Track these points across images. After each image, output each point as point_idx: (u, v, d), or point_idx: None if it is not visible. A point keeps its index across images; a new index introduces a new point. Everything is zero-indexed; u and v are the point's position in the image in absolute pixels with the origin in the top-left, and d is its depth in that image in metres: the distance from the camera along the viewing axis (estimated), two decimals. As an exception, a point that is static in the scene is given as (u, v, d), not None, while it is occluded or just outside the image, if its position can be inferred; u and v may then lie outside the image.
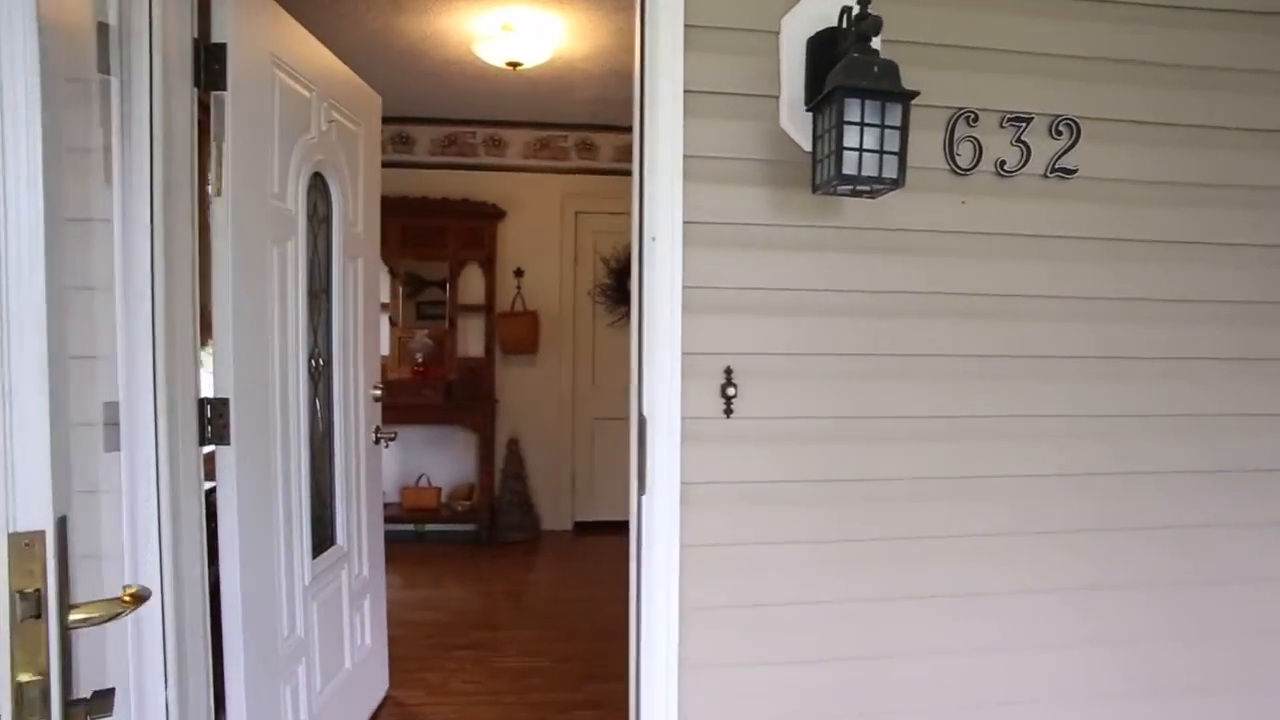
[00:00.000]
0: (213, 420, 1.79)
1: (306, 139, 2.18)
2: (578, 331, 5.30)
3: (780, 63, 1.68)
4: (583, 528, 5.40)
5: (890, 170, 1.49)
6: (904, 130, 1.48)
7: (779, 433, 1.71)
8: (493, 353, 5.18)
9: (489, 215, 5.12)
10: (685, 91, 1.65)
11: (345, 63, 2.50)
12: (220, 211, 1.79)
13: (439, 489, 5.07)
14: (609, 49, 3.81)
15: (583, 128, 5.20)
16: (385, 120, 5.08)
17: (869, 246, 1.73)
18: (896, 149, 1.49)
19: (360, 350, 2.63)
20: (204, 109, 1.78)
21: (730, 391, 1.67)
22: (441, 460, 5.28)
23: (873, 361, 1.73)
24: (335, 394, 2.45)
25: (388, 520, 4.98)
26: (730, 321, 1.70)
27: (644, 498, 1.70)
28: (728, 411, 1.69)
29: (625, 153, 5.07)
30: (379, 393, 2.78)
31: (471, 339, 5.20)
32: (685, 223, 1.66)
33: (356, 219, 2.60)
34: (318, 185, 2.33)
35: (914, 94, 1.47)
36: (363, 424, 2.67)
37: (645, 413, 1.67)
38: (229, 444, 1.80)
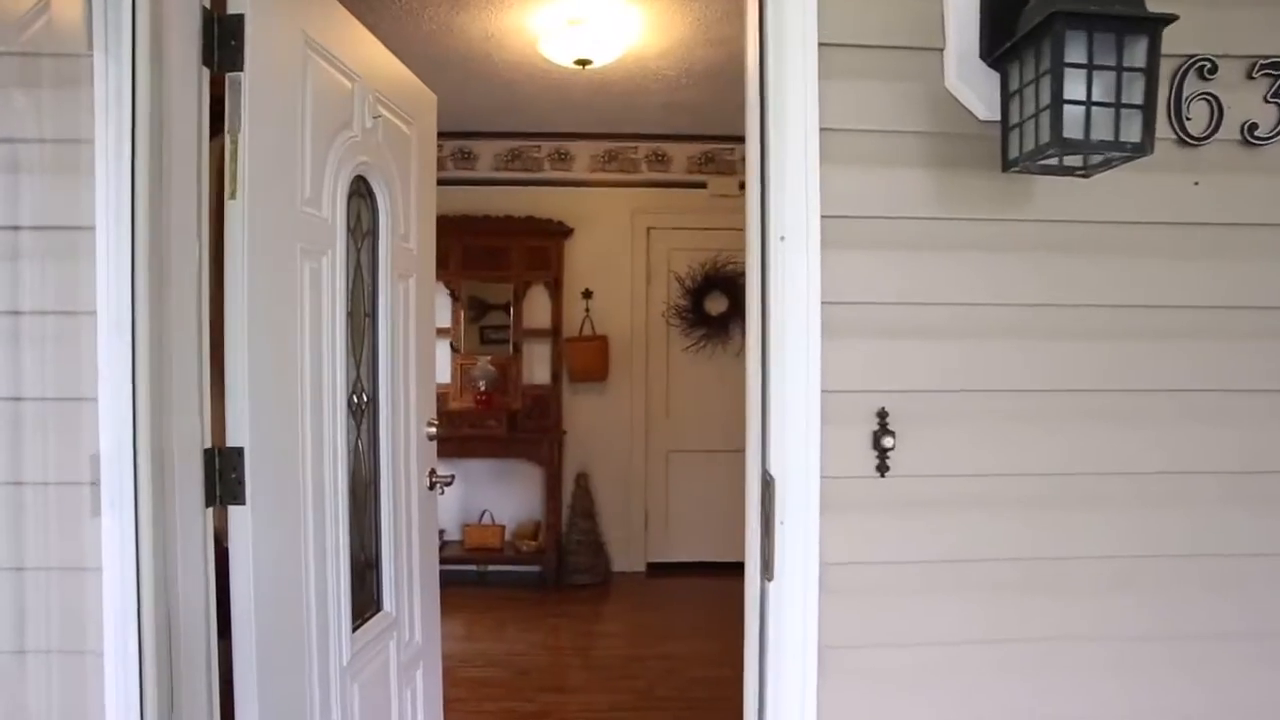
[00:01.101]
0: (223, 474, 1.44)
1: (347, 137, 1.85)
2: (650, 357, 4.91)
3: (944, 5, 1.26)
4: (656, 569, 4.98)
5: (1131, 131, 1.05)
6: (1151, 73, 1.04)
7: (954, 496, 1.27)
8: (560, 380, 4.82)
9: (555, 233, 4.80)
10: (820, 45, 1.24)
11: (396, 57, 2.19)
12: (235, 218, 1.45)
13: (502, 527, 4.72)
14: (685, 42, 3.43)
15: (654, 138, 4.85)
16: (446, 135, 4.83)
17: (1071, 245, 1.29)
18: (1140, 101, 1.04)
19: (412, 382, 2.29)
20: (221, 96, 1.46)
21: (886, 442, 1.24)
22: (505, 496, 4.93)
23: (1082, 400, 1.28)
24: (382, 434, 2.10)
25: (448, 560, 4.65)
26: (884, 348, 1.27)
27: (769, 584, 1.27)
28: (882, 468, 1.25)
29: (699, 164, 4.71)
30: (434, 430, 2.43)
31: (537, 366, 4.86)
32: (823, 217, 1.23)
33: (408, 232, 2.26)
34: (361, 192, 2.00)
35: (1168, 18, 1.03)
36: (415, 467, 2.31)
37: (773, 471, 1.25)
38: (244, 503, 1.46)
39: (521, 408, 4.80)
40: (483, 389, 4.66)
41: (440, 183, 4.70)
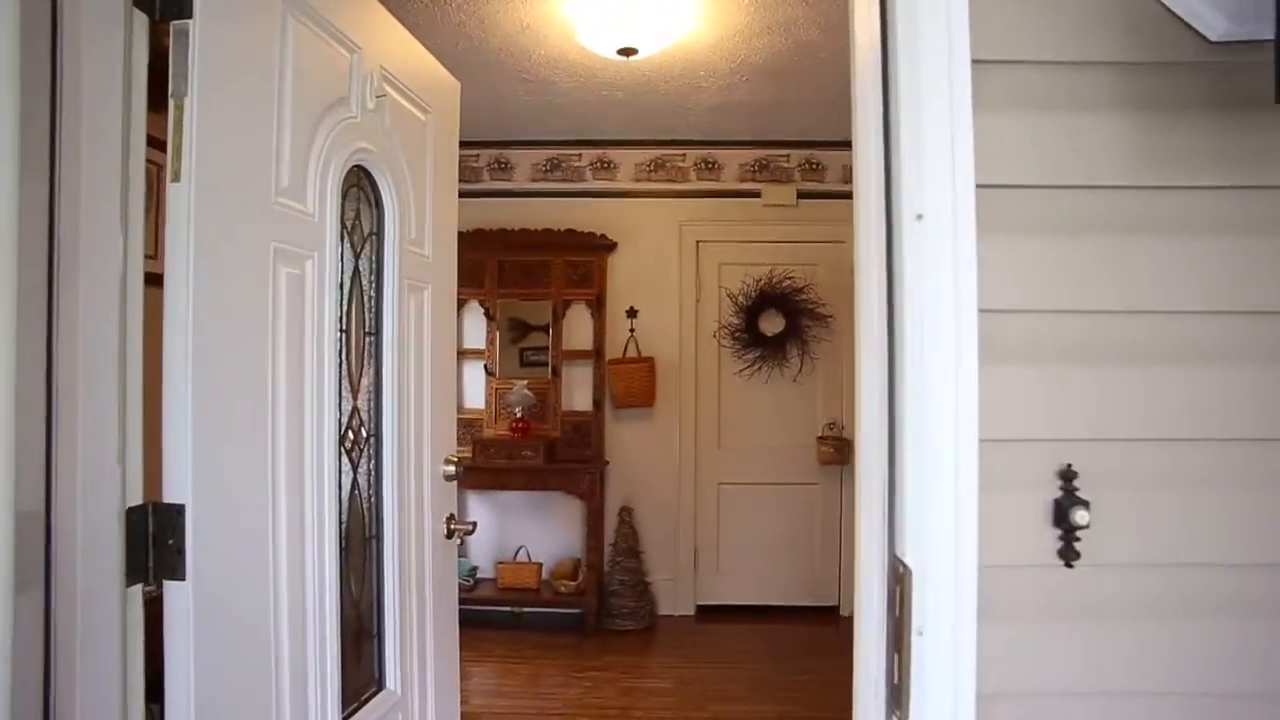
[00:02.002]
0: (157, 540, 1.10)
1: (342, 118, 1.52)
2: (700, 381, 4.52)
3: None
4: (707, 612, 4.55)
5: None
6: None
7: (1180, 597, 0.85)
8: (602, 406, 4.46)
9: (597, 247, 4.46)
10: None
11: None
12: (179, 206, 1.12)
13: (539, 565, 4.35)
14: (740, 31, 3.07)
15: (703, 144, 4.50)
16: (482, 144, 4.56)
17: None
18: None
19: (427, 412, 1.94)
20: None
21: (1077, 516, 0.84)
22: (542, 531, 4.56)
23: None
24: (387, 475, 1.75)
25: (480, 600, 4.31)
26: (1070, 378, 0.87)
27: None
28: (1069, 553, 0.85)
29: (752, 171, 4.33)
30: (454, 469, 2.07)
31: (578, 390, 4.51)
32: (979, 187, 0.84)
33: (422, 237, 1.93)
34: (361, 186, 1.67)
35: None
36: (429, 513, 1.96)
37: (907, 559, 0.84)
38: (183, 577, 1.11)
39: (560, 436, 4.44)
40: (519, 415, 4.32)
41: (476, 195, 4.44)
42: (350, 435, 1.62)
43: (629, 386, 4.39)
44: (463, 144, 4.43)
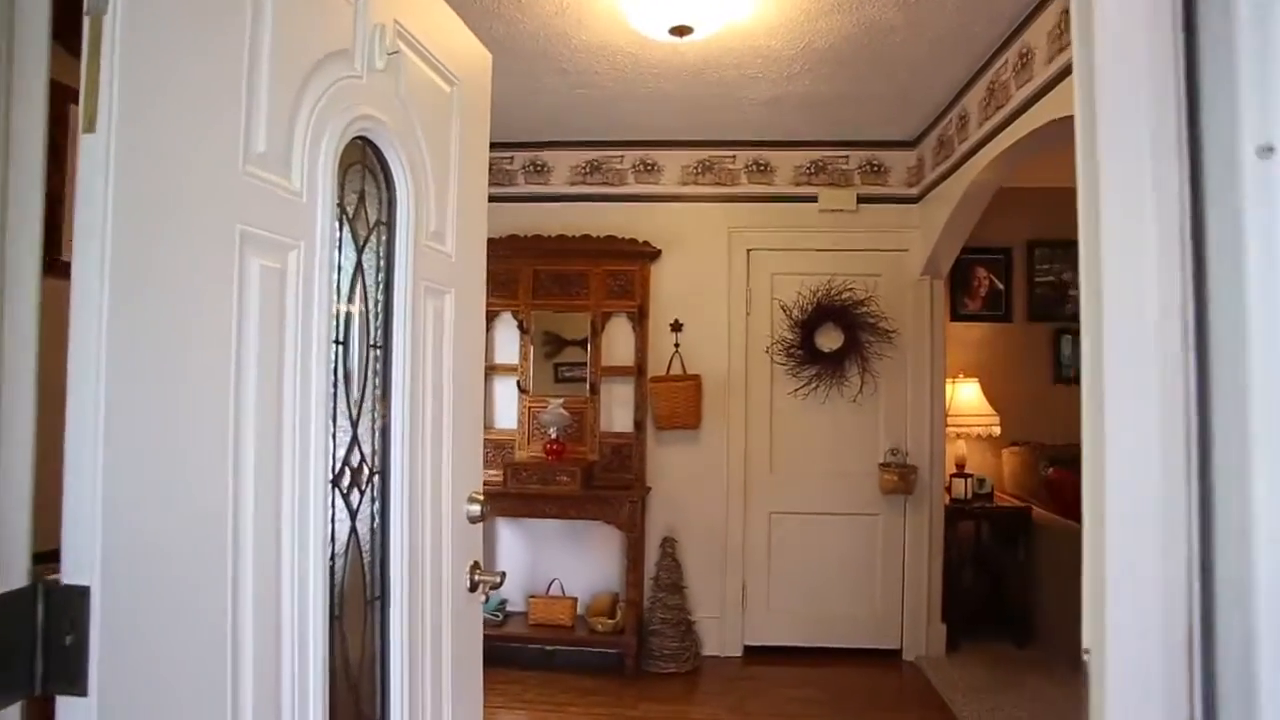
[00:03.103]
0: (48, 641, 0.77)
1: (343, 75, 1.21)
2: (751, 401, 4.15)
3: None
4: (755, 654, 4.15)
5: None
6: None
7: None
8: (643, 427, 4.11)
9: (640, 255, 4.13)
10: None
11: None
12: (93, 164, 0.80)
13: (573, 600, 4.00)
14: (804, 10, 2.73)
15: (754, 144, 4.16)
16: (516, 145, 4.25)
17: None
18: None
19: (447, 441, 1.61)
20: None
21: None
22: (578, 562, 4.22)
23: None
24: (395, 520, 1.42)
25: (509, 638, 3.97)
26: None
27: None
28: None
29: (808, 174, 3.98)
30: (479, 508, 1.74)
31: (617, 410, 4.17)
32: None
33: (444, 230, 1.61)
34: (368, 164, 1.36)
35: None
36: (449, 562, 1.62)
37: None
38: (85, 691, 0.78)
39: (599, 459, 4.10)
40: (554, 436, 3.99)
41: (510, 199, 4.13)
42: (348, 473, 1.29)
43: (673, 406, 4.03)
44: (496, 145, 4.15)
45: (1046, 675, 3.80)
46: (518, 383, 4.16)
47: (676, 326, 4.15)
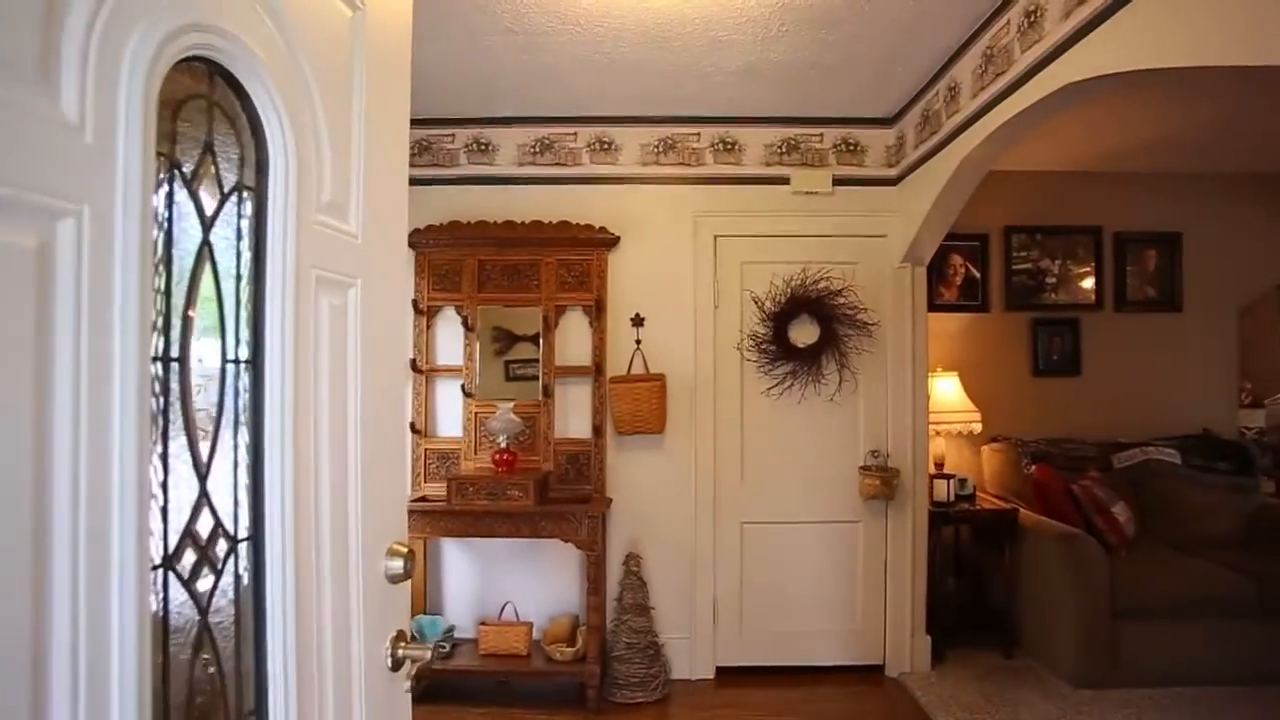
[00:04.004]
0: None
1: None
2: (720, 401, 3.80)
3: None
4: (729, 675, 3.83)
5: None
6: None
7: None
8: (603, 433, 3.74)
9: (596, 243, 3.75)
10: None
11: None
12: None
13: (529, 625, 3.61)
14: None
15: (721, 121, 3.80)
16: (458, 122, 3.79)
17: None
18: None
19: (354, 482, 1.22)
20: None
21: None
22: (533, 583, 3.83)
23: None
24: (275, 602, 1.02)
25: (458, 673, 3.54)
26: None
27: None
28: None
29: (779, 153, 3.64)
30: (402, 564, 1.34)
31: (574, 414, 3.79)
32: None
33: (346, 204, 1.21)
34: (218, 102, 0.95)
35: None
36: (361, 640, 1.23)
37: None
38: None
39: (554, 469, 3.71)
40: (503, 445, 3.59)
41: (451, 181, 3.68)
42: (191, 549, 0.89)
43: (635, 409, 3.67)
44: (435, 121, 3.71)
45: (1038, 688, 3.56)
46: (462, 386, 3.74)
47: (638, 321, 3.78)
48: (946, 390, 4.21)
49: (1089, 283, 4.77)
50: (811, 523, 3.80)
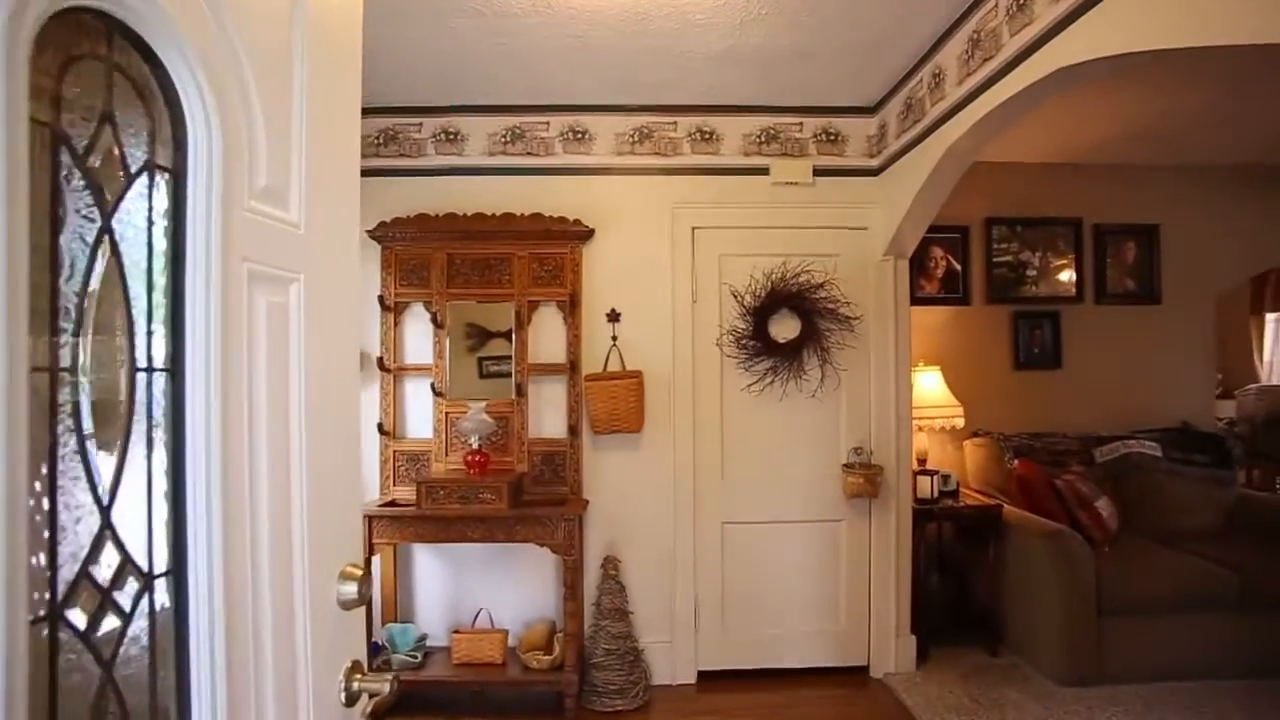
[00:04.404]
0: None
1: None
2: (699, 399, 3.69)
3: None
4: (711, 679, 3.73)
5: None
6: None
7: None
8: (579, 432, 3.61)
9: (570, 236, 3.61)
10: None
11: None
12: None
13: (504, 633, 3.48)
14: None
15: (698, 110, 3.68)
16: (425, 111, 3.63)
17: None
18: None
19: (297, 501, 1.09)
20: None
21: None
22: (508, 588, 3.70)
23: None
24: (201, 644, 0.89)
25: (430, 684, 3.39)
26: None
27: None
28: None
29: (759, 143, 3.54)
30: (355, 589, 1.22)
31: (548, 413, 3.66)
32: None
33: (285, 189, 1.08)
34: (121, 67, 0.81)
35: None
36: (309, 676, 1.10)
37: None
38: None
39: (528, 470, 3.59)
40: (476, 446, 3.45)
41: (418, 172, 3.52)
42: (90, 592, 0.75)
43: (612, 408, 3.55)
44: (402, 110, 3.55)
45: (1024, 687, 3.50)
46: (432, 385, 3.59)
47: (613, 317, 3.66)
48: (929, 385, 4.14)
49: (1069, 275, 4.72)
50: (794, 522, 3.71)
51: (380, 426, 3.59)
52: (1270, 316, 8.31)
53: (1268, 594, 3.56)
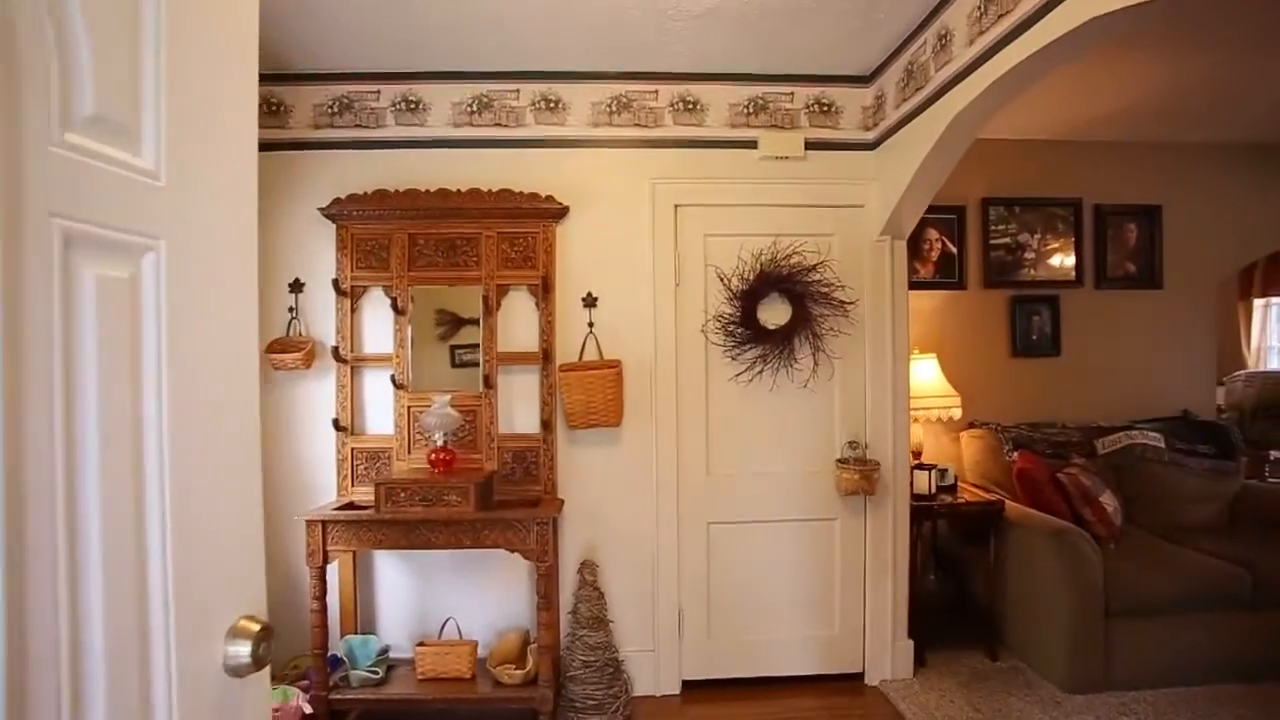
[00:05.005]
0: None
1: None
2: (683, 390, 3.43)
3: None
4: (696, 689, 3.49)
5: None
6: None
7: None
8: (552, 427, 3.34)
9: (542, 214, 3.33)
10: None
11: None
12: None
13: (473, 644, 3.21)
14: None
15: (681, 78, 3.40)
16: (382, 77, 3.29)
17: None
18: None
19: (159, 532, 0.82)
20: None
21: None
22: (477, 596, 3.43)
23: None
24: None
25: (394, 702, 3.09)
26: None
27: None
28: None
29: (746, 114, 3.28)
30: (249, 650, 0.94)
31: (520, 406, 3.38)
32: None
33: (131, 119, 0.80)
34: None
35: None
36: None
37: None
38: None
39: (498, 468, 3.31)
40: (440, 442, 3.17)
41: (376, 144, 3.17)
42: None
43: (588, 400, 3.28)
44: (358, 77, 3.21)
45: (1029, 695, 3.29)
46: (392, 377, 3.30)
47: (590, 301, 3.38)
48: (925, 373, 3.91)
49: (1069, 258, 4.51)
50: (784, 521, 3.47)
51: (336, 422, 3.29)
52: (1258, 302, 8.21)
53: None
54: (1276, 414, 7.61)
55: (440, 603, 3.40)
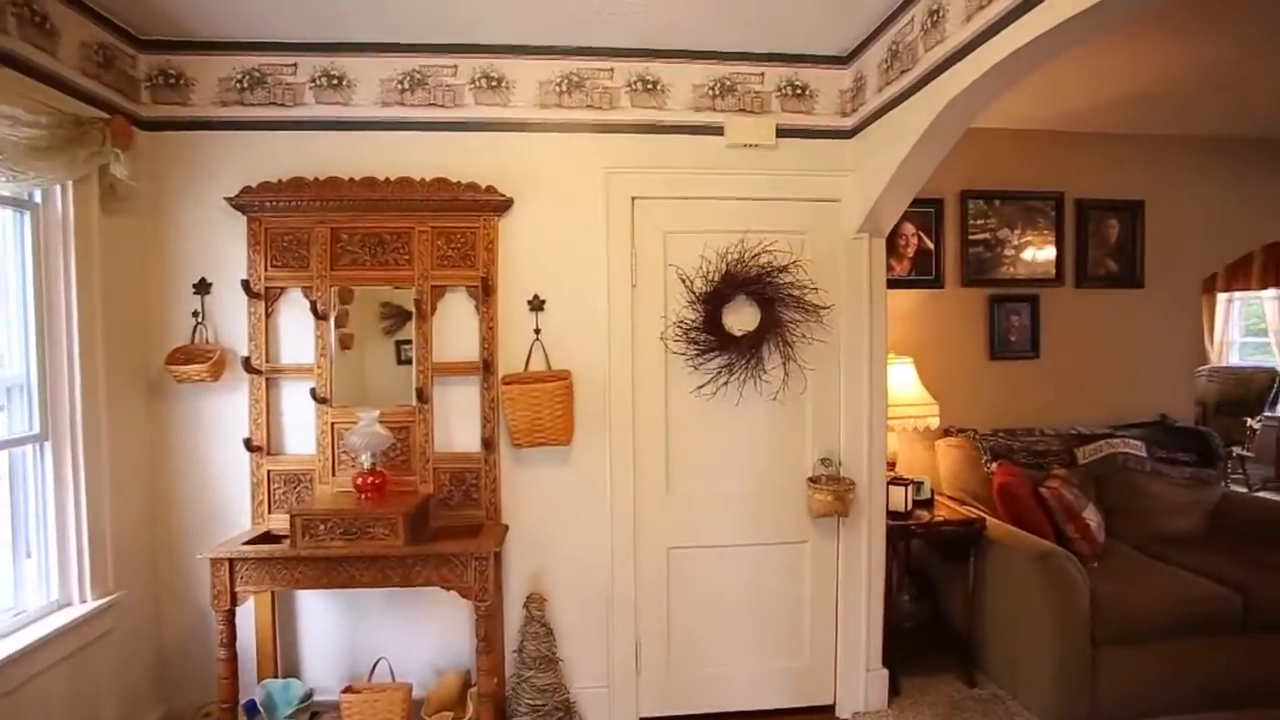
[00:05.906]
0: None
1: None
2: (640, 404, 3.11)
3: None
4: (654, 727, 3.20)
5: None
6: None
7: None
8: (495, 445, 2.99)
9: (483, 206, 2.96)
10: None
11: None
12: None
13: (406, 688, 2.87)
14: None
15: (639, 55, 3.05)
16: (298, 48, 2.74)
17: None
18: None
19: None
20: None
21: None
22: (412, 633, 3.09)
23: None
24: None
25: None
26: None
27: None
28: None
29: (711, 96, 2.97)
30: None
31: (458, 422, 3.02)
32: None
33: None
34: None
35: None
36: None
37: None
38: None
39: (435, 491, 2.96)
40: (368, 465, 2.80)
41: (292, 125, 2.59)
42: None
43: (535, 415, 2.94)
44: (272, 47, 2.68)
45: (1010, 730, 3.07)
46: (312, 390, 2.92)
47: (537, 305, 3.04)
48: (901, 380, 3.64)
49: (1049, 254, 4.28)
50: (751, 545, 3.18)
51: (249, 442, 2.91)
52: (1221, 296, 8.17)
53: (1271, 614, 3.20)
54: (1238, 409, 7.58)
55: (372, 640, 3.05)
